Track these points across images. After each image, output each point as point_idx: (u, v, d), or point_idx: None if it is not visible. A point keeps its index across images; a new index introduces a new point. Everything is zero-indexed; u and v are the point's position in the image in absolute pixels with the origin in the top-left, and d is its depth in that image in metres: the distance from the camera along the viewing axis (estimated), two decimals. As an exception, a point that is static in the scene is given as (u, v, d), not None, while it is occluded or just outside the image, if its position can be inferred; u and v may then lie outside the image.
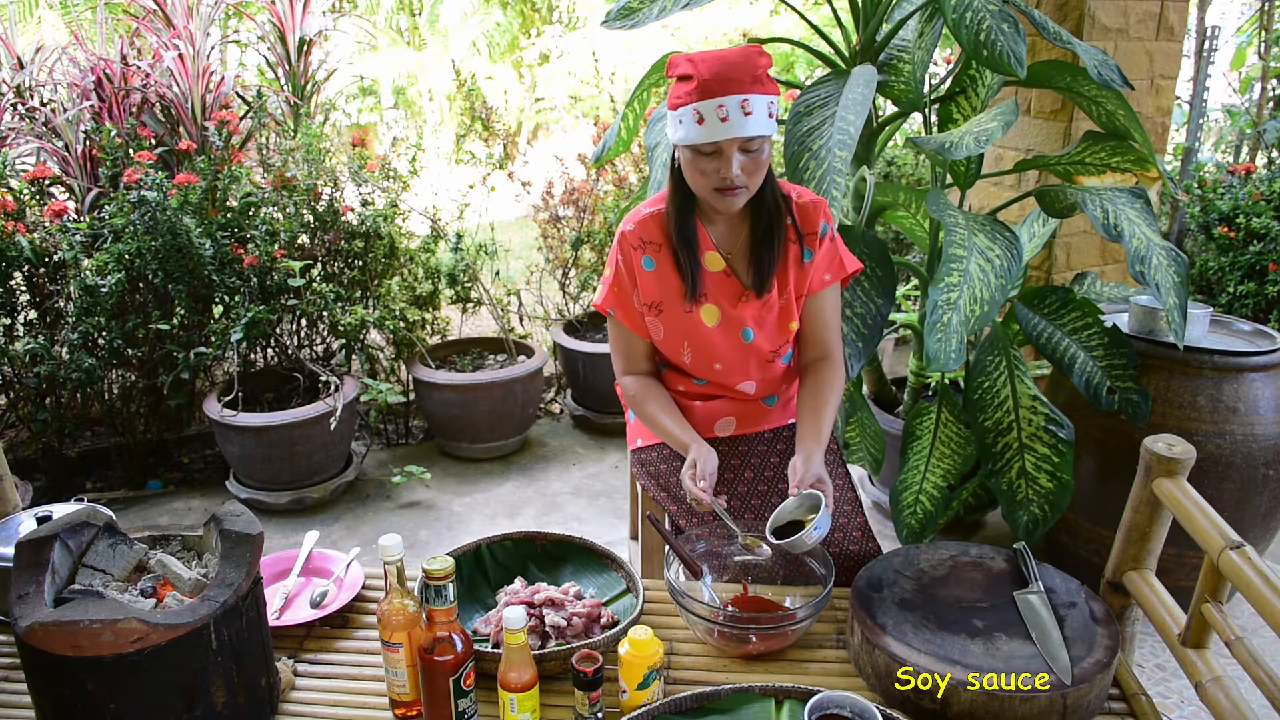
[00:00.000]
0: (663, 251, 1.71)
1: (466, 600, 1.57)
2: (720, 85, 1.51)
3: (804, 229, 1.71)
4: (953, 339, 1.88)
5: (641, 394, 1.82)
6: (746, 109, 1.52)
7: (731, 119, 1.51)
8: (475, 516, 3.37)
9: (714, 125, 1.52)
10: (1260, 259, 3.71)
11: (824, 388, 1.74)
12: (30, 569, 1.19)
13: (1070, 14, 2.96)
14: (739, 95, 1.51)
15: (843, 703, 1.20)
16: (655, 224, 1.72)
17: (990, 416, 2.33)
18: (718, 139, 1.52)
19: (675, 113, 1.57)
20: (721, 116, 1.51)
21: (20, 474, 3.34)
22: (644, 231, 1.72)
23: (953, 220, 2.04)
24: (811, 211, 1.72)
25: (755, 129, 1.53)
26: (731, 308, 1.73)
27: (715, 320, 1.74)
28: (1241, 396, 2.39)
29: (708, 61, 1.54)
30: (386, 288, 3.73)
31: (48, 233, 3.20)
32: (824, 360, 1.79)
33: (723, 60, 1.54)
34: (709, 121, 1.52)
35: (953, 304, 1.90)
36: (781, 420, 1.90)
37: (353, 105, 7.69)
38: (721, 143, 1.53)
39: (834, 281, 1.76)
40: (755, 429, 1.87)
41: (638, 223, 1.73)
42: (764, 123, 1.55)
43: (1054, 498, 2.27)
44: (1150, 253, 2.06)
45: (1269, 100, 5.21)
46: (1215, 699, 1.28)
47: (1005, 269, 1.97)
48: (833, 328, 1.80)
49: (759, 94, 1.54)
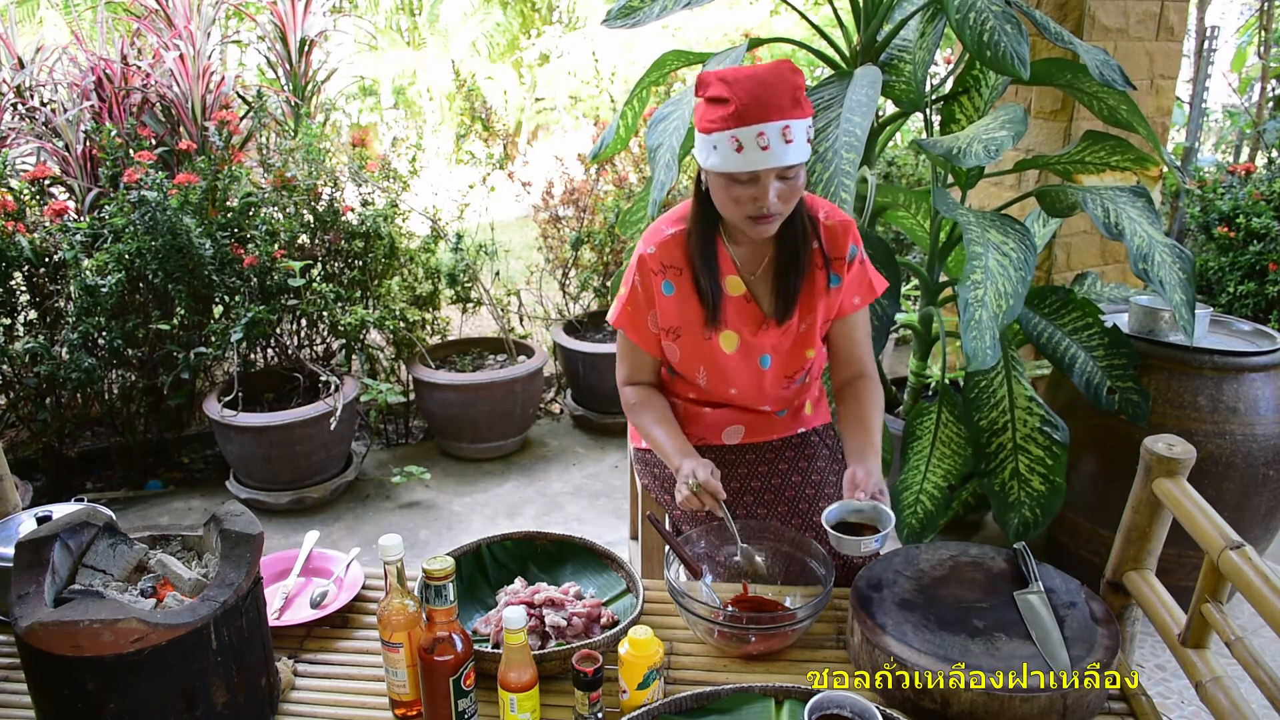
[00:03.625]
0: (683, 276, 1.65)
1: (466, 600, 1.57)
2: (760, 110, 1.42)
3: (831, 253, 1.64)
4: (986, 335, 1.88)
5: (641, 404, 1.78)
6: (788, 136, 1.43)
7: (773, 147, 1.42)
8: (475, 516, 3.37)
9: (754, 154, 1.43)
10: (1260, 259, 3.71)
11: (865, 402, 1.69)
12: (30, 569, 1.19)
13: (1070, 14, 2.96)
14: (780, 121, 1.42)
15: (843, 703, 1.20)
16: (676, 246, 1.64)
17: (986, 416, 2.33)
18: (757, 168, 1.44)
19: (709, 137, 1.47)
20: (762, 145, 1.42)
21: (20, 474, 3.33)
22: (665, 255, 1.64)
23: (965, 219, 2.03)
24: (840, 235, 1.65)
25: (796, 157, 1.45)
26: (751, 335, 1.68)
27: (734, 347, 1.68)
28: (1241, 396, 2.39)
29: (744, 83, 1.44)
30: (386, 288, 3.73)
31: (48, 233, 3.20)
32: (861, 378, 1.74)
33: (760, 82, 1.44)
34: (748, 150, 1.43)
35: (981, 301, 1.90)
36: (791, 430, 1.85)
37: (353, 105, 7.69)
38: (760, 172, 1.45)
39: (866, 304, 1.72)
40: (764, 438, 1.83)
41: (659, 245, 1.65)
42: (804, 148, 1.46)
43: (1046, 501, 2.26)
44: (1153, 250, 2.06)
45: (1269, 100, 5.21)
46: (1215, 699, 1.28)
47: (1022, 261, 1.97)
48: (866, 347, 1.76)
49: (799, 118, 1.45)
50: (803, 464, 1.81)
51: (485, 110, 4.12)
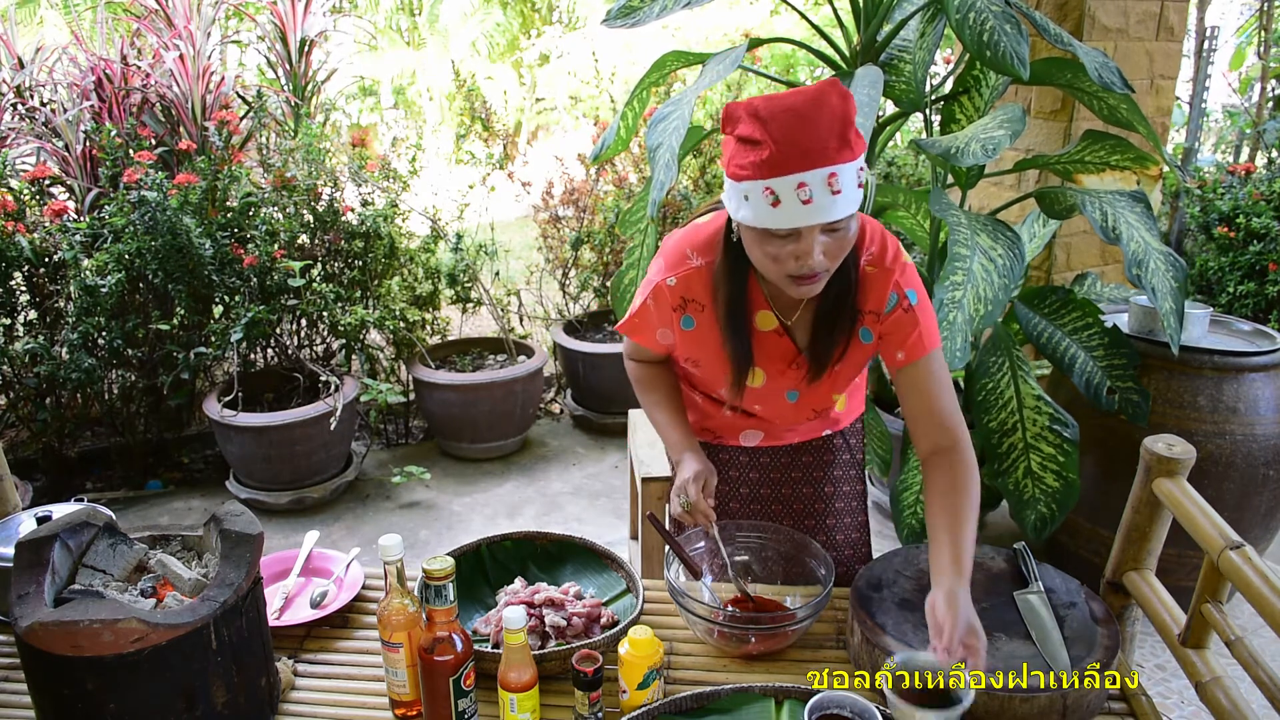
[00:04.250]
0: (706, 313, 1.44)
1: (466, 600, 1.57)
2: (801, 157, 1.17)
3: (861, 305, 1.40)
4: (957, 337, 1.88)
5: (647, 380, 1.63)
6: (834, 186, 1.18)
7: (816, 200, 1.18)
8: (475, 516, 3.37)
9: (793, 208, 1.19)
10: (1260, 259, 3.71)
11: (951, 494, 1.36)
12: (30, 569, 1.19)
13: (1070, 14, 2.96)
14: (825, 169, 1.17)
15: (843, 702, 1.20)
16: (699, 282, 1.42)
17: (995, 417, 2.33)
18: (798, 225, 1.20)
19: (738, 185, 1.22)
20: (804, 199, 1.17)
21: (20, 474, 3.34)
22: (686, 289, 1.43)
23: (955, 220, 2.04)
24: (876, 283, 1.39)
25: (844, 209, 1.20)
26: (779, 373, 1.50)
27: (760, 382, 1.52)
28: (1241, 396, 2.39)
29: (781, 120, 1.18)
30: (386, 288, 3.73)
31: (48, 233, 3.20)
32: (942, 454, 1.39)
33: (800, 117, 1.18)
34: (787, 204, 1.19)
35: (957, 303, 1.90)
36: (815, 433, 1.69)
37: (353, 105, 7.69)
38: (802, 228, 1.21)
39: (910, 361, 1.41)
40: (784, 442, 1.69)
41: (681, 279, 1.43)
42: (853, 197, 1.21)
43: (1061, 496, 2.27)
44: (1148, 257, 2.06)
45: (1269, 100, 5.21)
46: (1215, 699, 1.28)
47: (1008, 268, 1.97)
48: (939, 410, 1.41)
49: (848, 161, 1.18)
50: (818, 473, 1.70)
51: (485, 110, 4.12)
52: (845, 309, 1.38)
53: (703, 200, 4.03)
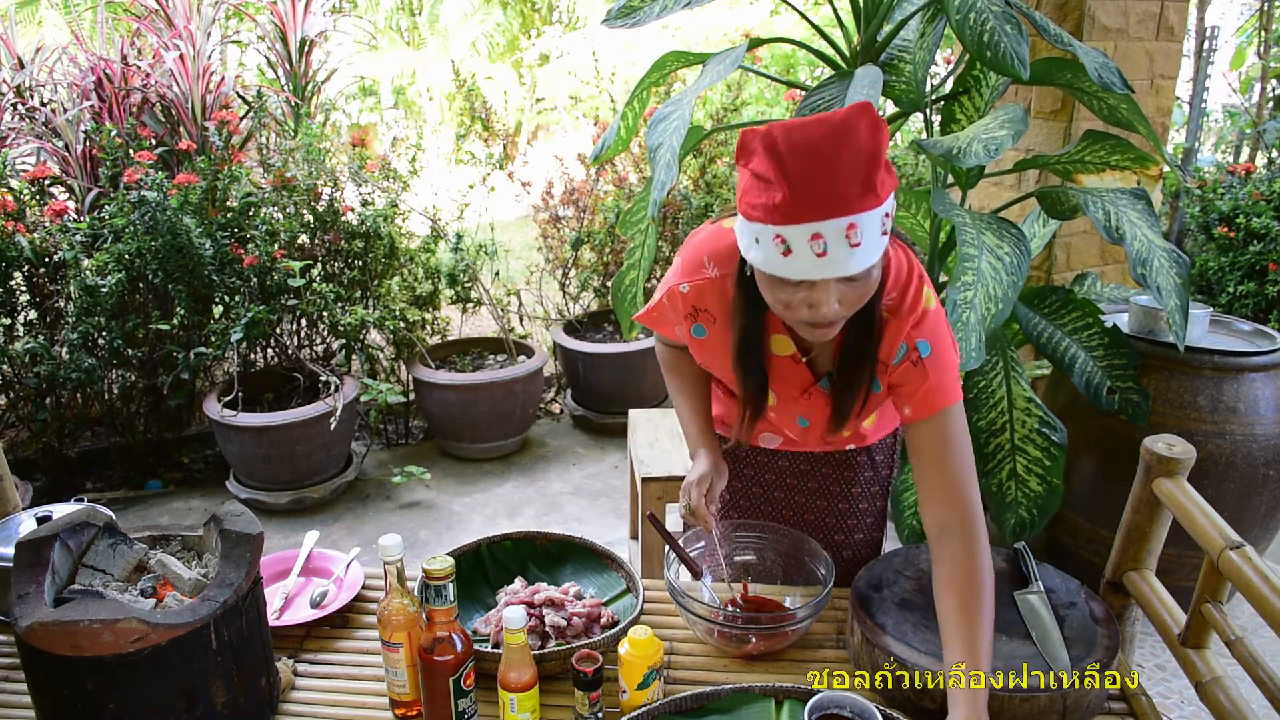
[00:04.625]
0: (718, 326, 1.37)
1: (466, 600, 1.57)
2: (817, 205, 1.05)
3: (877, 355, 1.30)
4: (972, 337, 1.88)
5: (675, 363, 1.55)
6: (853, 239, 1.06)
7: (831, 253, 1.06)
8: (475, 516, 3.37)
9: (805, 260, 1.08)
10: (1260, 259, 3.71)
11: (962, 585, 1.21)
12: (30, 569, 1.19)
13: (1070, 14, 2.96)
14: (843, 219, 1.05)
15: (843, 703, 1.20)
16: (713, 293, 1.34)
17: (984, 417, 2.33)
18: (809, 277, 1.10)
19: (749, 225, 1.12)
20: (818, 251, 1.06)
21: (20, 474, 3.34)
22: (699, 299, 1.36)
23: (960, 220, 2.03)
24: (889, 333, 1.27)
25: (864, 261, 1.08)
26: (792, 399, 1.42)
27: (772, 402, 1.45)
28: (1241, 396, 2.39)
29: (798, 159, 1.05)
30: (386, 288, 3.73)
31: (48, 233, 3.20)
32: (948, 536, 1.24)
33: (820, 156, 1.04)
34: (799, 254, 1.07)
35: (969, 303, 1.90)
36: (838, 446, 1.61)
37: (353, 105, 7.70)
38: (815, 280, 1.11)
39: (917, 419, 1.28)
40: (805, 449, 1.62)
41: (695, 288, 1.35)
42: (876, 246, 1.09)
43: (1043, 502, 2.26)
44: (1152, 255, 2.06)
45: (1269, 100, 5.21)
46: (1215, 699, 1.28)
47: (1015, 265, 1.96)
48: (947, 478, 1.26)
49: (871, 209, 1.06)
50: (836, 488, 1.64)
51: (485, 110, 4.13)
52: (867, 356, 1.27)
53: (703, 200, 4.03)
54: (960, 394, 1.29)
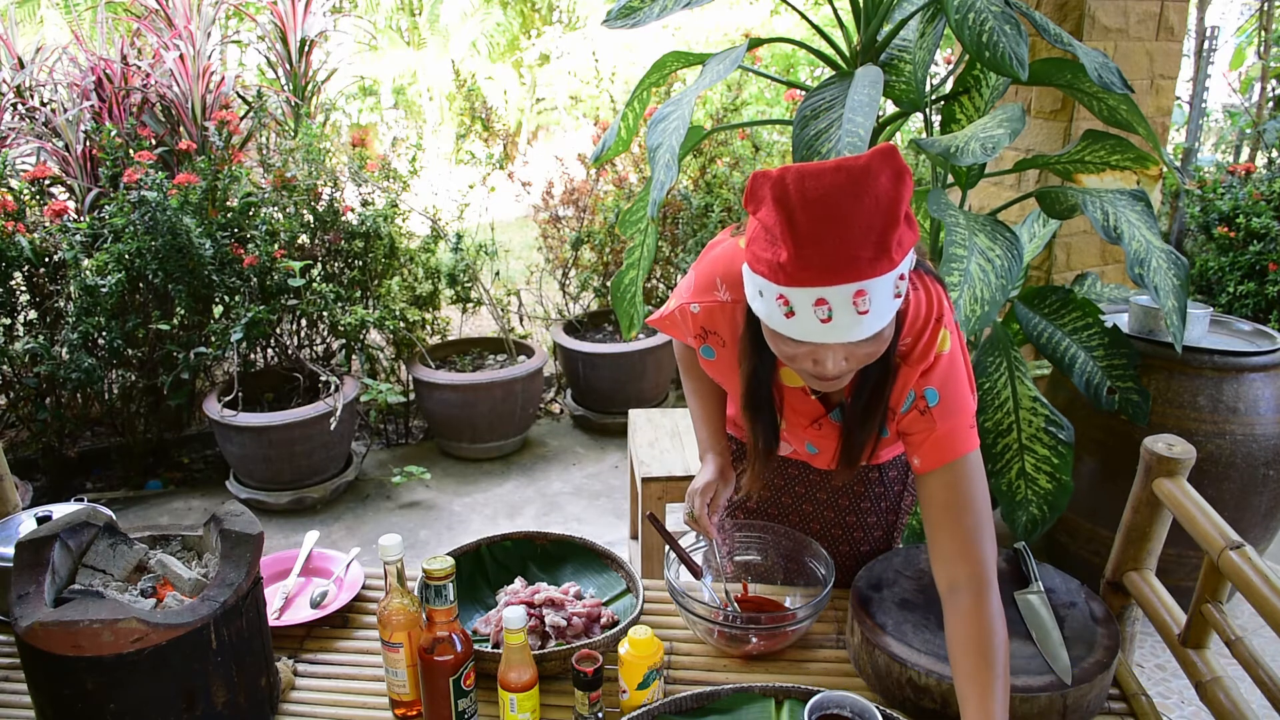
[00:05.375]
0: (727, 349, 1.32)
1: (466, 600, 1.57)
2: (823, 268, 0.98)
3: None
4: None
5: (692, 363, 1.51)
6: (861, 306, 0.99)
7: (837, 320, 1.00)
8: (475, 516, 3.37)
9: (808, 324, 1.01)
10: (1260, 259, 3.71)
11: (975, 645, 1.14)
12: (30, 569, 1.19)
13: (1070, 14, 2.96)
14: (851, 285, 0.98)
15: (843, 703, 1.20)
16: (722, 317, 1.29)
17: (990, 418, 2.33)
18: (813, 341, 1.04)
19: (753, 277, 1.06)
20: (821, 317, 1.00)
21: (20, 474, 3.34)
22: (708, 321, 1.31)
23: (953, 220, 2.03)
24: (899, 380, 1.21)
25: (872, 327, 1.02)
26: (802, 427, 1.39)
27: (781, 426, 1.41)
28: (1241, 396, 2.39)
29: (809, 215, 0.97)
30: (386, 288, 3.74)
31: (48, 233, 3.20)
32: (959, 595, 1.17)
33: (833, 213, 0.97)
34: (802, 318, 1.01)
35: (954, 303, 1.90)
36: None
37: (353, 105, 7.70)
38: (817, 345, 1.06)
39: (927, 470, 1.20)
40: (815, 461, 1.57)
41: (704, 309, 1.30)
42: (886, 310, 1.02)
43: (1053, 499, 2.27)
44: (1150, 255, 2.06)
45: (1269, 100, 5.21)
46: (1215, 699, 1.28)
47: (1006, 269, 1.96)
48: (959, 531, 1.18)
49: (884, 273, 0.99)
50: (845, 500, 1.60)
51: (485, 110, 4.13)
52: (879, 405, 1.21)
53: (703, 200, 4.03)
54: (975, 442, 1.20)
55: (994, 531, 1.20)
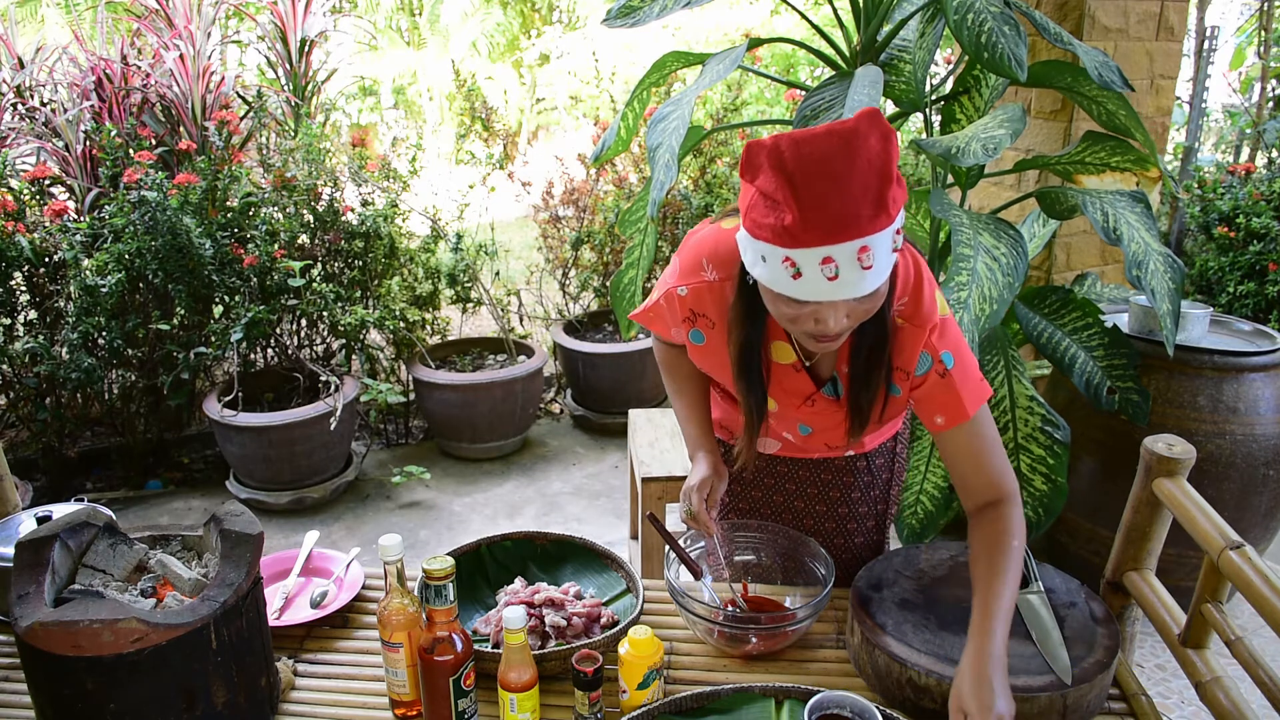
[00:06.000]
0: (716, 330, 1.34)
1: (466, 600, 1.57)
2: (828, 228, 1.01)
3: (894, 360, 1.27)
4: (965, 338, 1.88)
5: (673, 363, 1.53)
6: (865, 261, 1.03)
7: (843, 277, 1.04)
8: (475, 516, 3.37)
9: (815, 283, 1.05)
10: (1260, 259, 3.71)
11: (990, 547, 1.26)
12: (30, 569, 1.19)
13: (1070, 14, 2.96)
14: (855, 242, 1.02)
15: (843, 703, 1.20)
16: (711, 298, 1.31)
17: (988, 417, 2.33)
18: (819, 299, 1.07)
19: (755, 243, 1.08)
20: (829, 275, 1.03)
21: (20, 474, 3.34)
22: (697, 303, 1.33)
23: (957, 220, 2.03)
24: (908, 341, 1.25)
25: (875, 281, 1.06)
26: (794, 407, 1.40)
27: (773, 408, 1.43)
28: (1241, 396, 2.39)
29: (810, 179, 1.01)
30: (386, 288, 3.74)
31: (48, 233, 3.20)
32: (990, 507, 1.30)
33: (831, 174, 1.01)
34: (809, 277, 1.05)
35: (963, 303, 1.90)
36: (838, 453, 1.58)
37: (353, 105, 7.70)
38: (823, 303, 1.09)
39: (951, 426, 1.29)
40: (802, 455, 1.60)
41: (693, 291, 1.32)
42: (886, 265, 1.06)
43: (1048, 500, 2.27)
44: (1148, 258, 2.06)
45: (1269, 100, 5.21)
46: (1215, 699, 1.28)
47: (1011, 267, 1.96)
48: (988, 470, 1.30)
49: (882, 229, 1.03)
50: (834, 493, 1.62)
51: (485, 110, 4.13)
52: (881, 361, 1.25)
53: (703, 200, 4.03)
54: (989, 389, 1.31)
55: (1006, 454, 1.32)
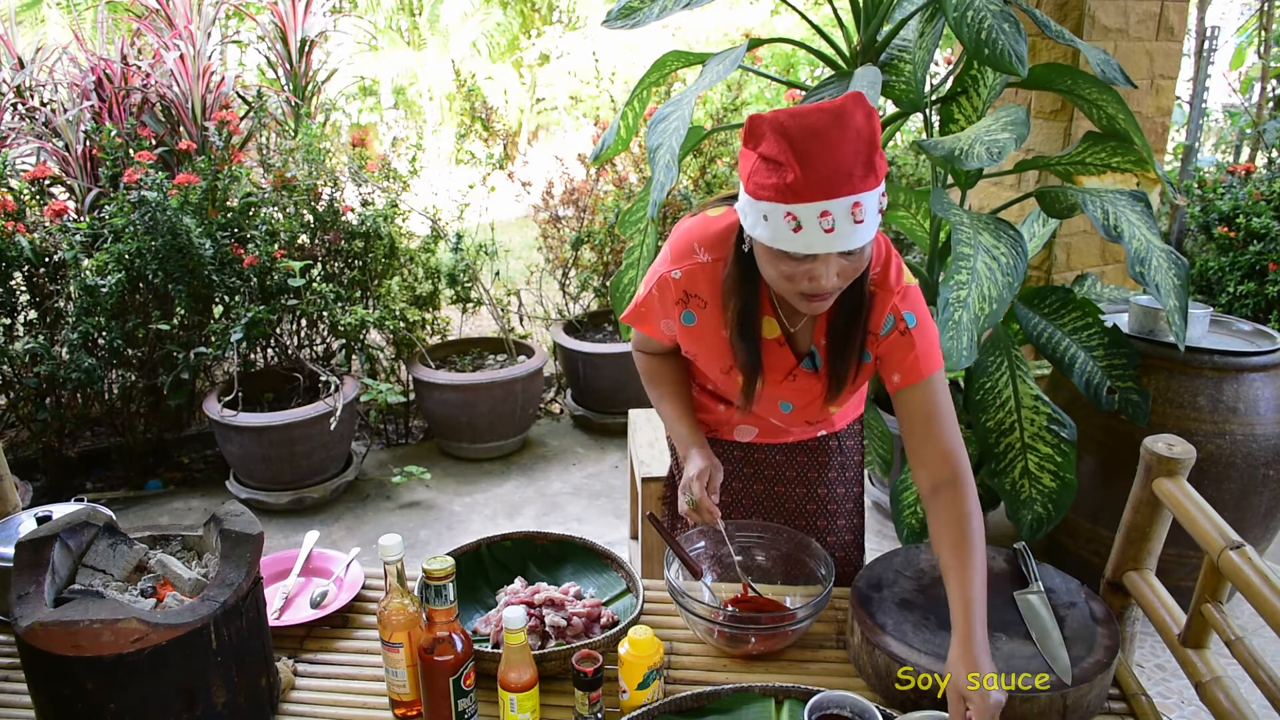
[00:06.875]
0: (708, 310, 1.43)
1: (466, 600, 1.57)
2: (827, 183, 1.15)
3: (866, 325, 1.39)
4: (964, 336, 1.88)
5: (656, 371, 1.61)
6: (858, 215, 1.17)
7: (838, 229, 1.16)
8: (475, 516, 3.37)
9: (814, 236, 1.17)
10: (1260, 259, 3.71)
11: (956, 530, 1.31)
12: (30, 569, 1.19)
13: (1070, 14, 2.96)
14: (850, 198, 1.15)
15: (843, 703, 1.20)
16: (704, 278, 1.40)
17: (992, 417, 2.33)
18: (816, 251, 1.19)
19: (756, 204, 1.20)
20: (826, 227, 1.16)
21: (20, 474, 3.34)
22: (690, 284, 1.41)
23: (958, 219, 2.03)
24: (877, 305, 1.37)
25: (865, 236, 1.19)
26: (776, 383, 1.49)
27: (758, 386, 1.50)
28: (1241, 396, 2.39)
29: (808, 144, 1.15)
30: (386, 288, 3.73)
31: (48, 233, 3.20)
32: (943, 489, 1.35)
33: (828, 143, 1.15)
34: (808, 230, 1.17)
35: (962, 302, 1.90)
36: (811, 433, 1.68)
37: (353, 105, 7.70)
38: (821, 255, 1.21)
39: (907, 384, 1.38)
40: (779, 440, 1.68)
41: (686, 273, 1.41)
42: (874, 222, 1.20)
43: (1057, 497, 2.27)
44: (1150, 254, 2.06)
45: (1269, 100, 5.21)
46: (1215, 699, 1.28)
47: (1011, 266, 1.96)
48: (938, 436, 1.36)
49: (872, 189, 1.18)
50: (812, 474, 1.69)
51: (485, 110, 4.13)
52: (858, 328, 1.37)
53: (703, 200, 4.03)
54: (942, 363, 1.41)
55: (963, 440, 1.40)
